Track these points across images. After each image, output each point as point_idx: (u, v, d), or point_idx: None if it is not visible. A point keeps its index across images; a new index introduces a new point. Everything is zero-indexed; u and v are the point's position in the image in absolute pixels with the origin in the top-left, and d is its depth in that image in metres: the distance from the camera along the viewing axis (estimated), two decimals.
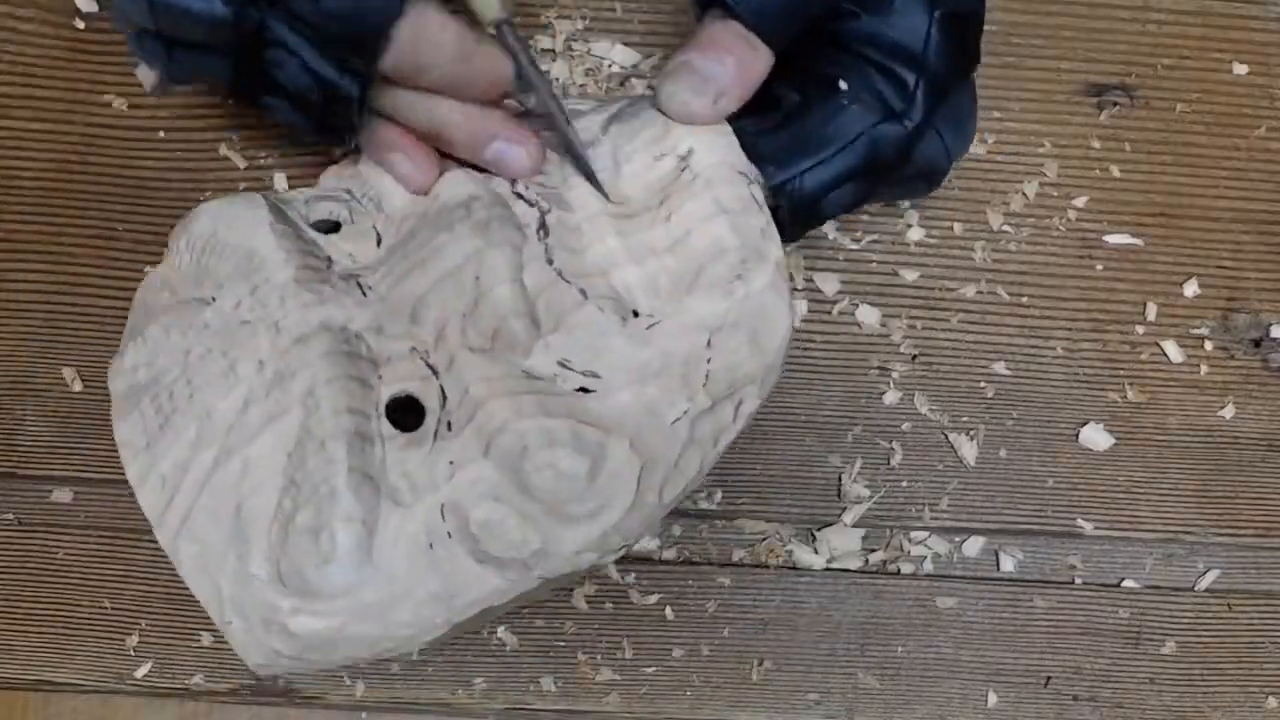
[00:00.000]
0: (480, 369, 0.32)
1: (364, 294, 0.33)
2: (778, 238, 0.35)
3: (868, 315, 0.44)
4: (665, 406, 0.33)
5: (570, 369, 0.32)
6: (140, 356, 0.33)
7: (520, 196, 0.35)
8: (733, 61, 0.34)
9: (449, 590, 0.31)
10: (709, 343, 0.33)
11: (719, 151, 0.34)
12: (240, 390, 0.31)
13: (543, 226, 0.34)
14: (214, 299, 0.33)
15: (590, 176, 0.35)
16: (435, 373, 0.32)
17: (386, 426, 0.32)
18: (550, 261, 0.33)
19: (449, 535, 0.31)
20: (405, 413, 0.32)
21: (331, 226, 0.35)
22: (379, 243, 0.35)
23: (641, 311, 0.33)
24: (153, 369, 0.32)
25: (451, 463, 0.31)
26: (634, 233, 0.34)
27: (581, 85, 0.44)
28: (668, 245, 0.34)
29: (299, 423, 0.31)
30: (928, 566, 0.44)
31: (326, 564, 0.30)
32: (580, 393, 0.32)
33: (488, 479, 0.31)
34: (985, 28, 0.44)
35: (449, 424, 0.32)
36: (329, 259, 0.34)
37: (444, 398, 0.32)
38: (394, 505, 0.31)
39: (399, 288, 0.33)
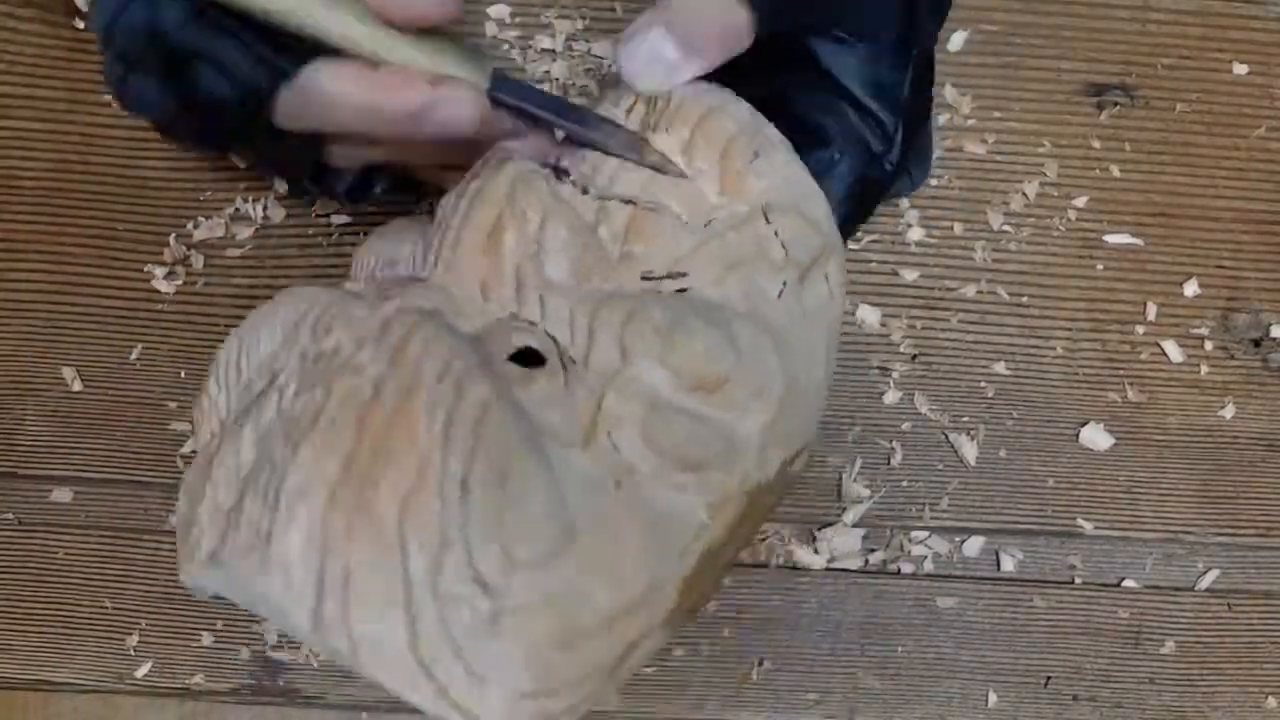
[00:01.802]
0: (574, 300, 0.30)
1: (424, 281, 0.31)
2: (764, 118, 0.34)
3: (868, 315, 0.44)
4: (763, 283, 0.32)
5: (655, 277, 0.31)
6: (222, 470, 0.28)
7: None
8: (714, 28, 0.32)
9: (661, 534, 0.28)
10: (766, 219, 0.33)
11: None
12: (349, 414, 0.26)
13: (557, 171, 0.33)
14: (275, 379, 0.28)
15: (657, 165, 0.33)
16: (533, 323, 0.30)
17: (514, 369, 0.28)
18: (585, 190, 0.32)
19: (632, 470, 0.28)
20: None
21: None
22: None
23: (684, 216, 0.32)
24: (243, 464, 0.28)
25: (591, 390, 0.29)
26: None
27: (583, 85, 0.44)
28: (679, 154, 0.33)
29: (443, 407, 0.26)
30: (928, 566, 0.44)
31: (523, 531, 0.26)
32: (679, 294, 0.31)
33: (637, 385, 0.29)
34: (985, 28, 0.44)
35: (571, 358, 0.30)
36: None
37: (553, 338, 0.30)
38: (561, 449, 0.28)
39: (456, 260, 0.31)
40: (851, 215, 0.36)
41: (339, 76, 0.32)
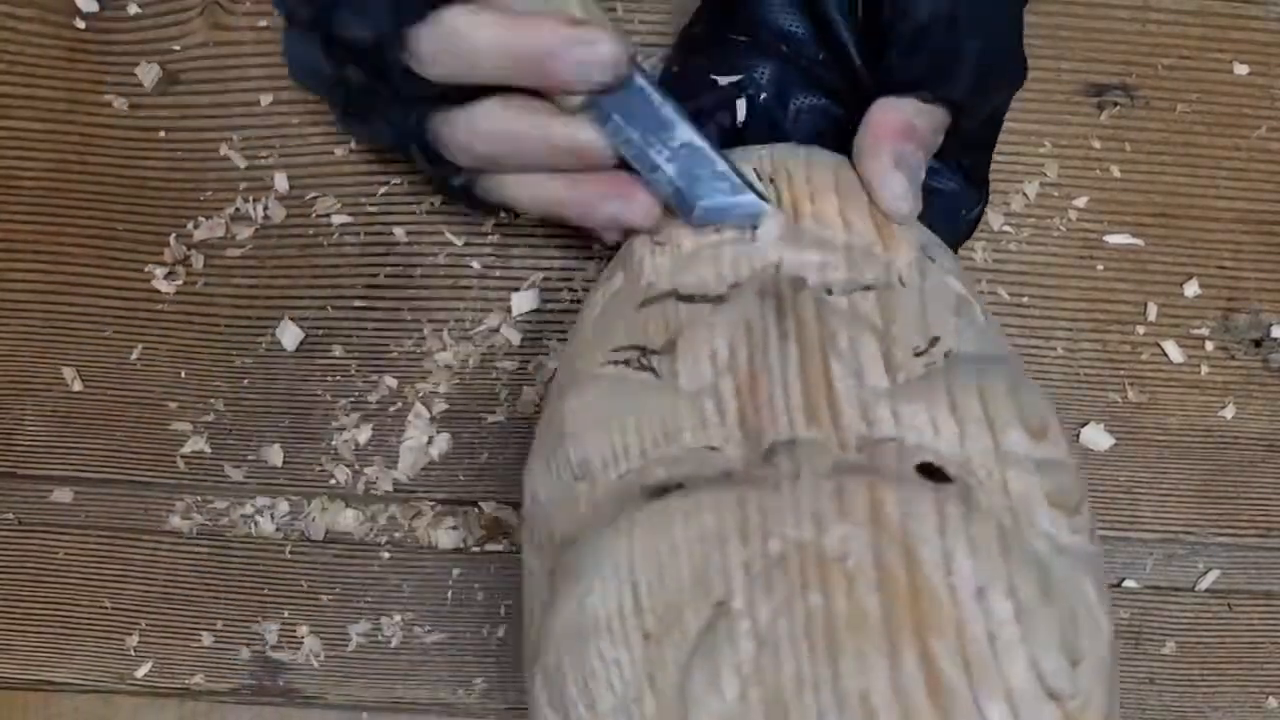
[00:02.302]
0: (918, 398, 0.29)
1: (796, 442, 0.28)
2: None
3: None
4: (974, 315, 0.32)
5: (923, 351, 0.30)
6: None
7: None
8: (926, 154, 0.33)
9: (1097, 576, 0.29)
10: (930, 259, 0.33)
11: None
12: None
13: (790, 282, 0.31)
14: (724, 606, 0.25)
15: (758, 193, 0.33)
16: (894, 439, 0.28)
17: (950, 489, 0.27)
18: (829, 291, 0.31)
19: (1049, 534, 0.28)
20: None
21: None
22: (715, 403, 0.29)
23: (884, 278, 0.32)
24: None
25: (990, 474, 0.28)
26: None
27: None
28: (841, 222, 0.32)
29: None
30: None
31: (1077, 625, 0.26)
32: (948, 357, 0.30)
33: (1017, 457, 0.28)
34: None
35: (951, 459, 0.29)
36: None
37: (923, 447, 0.29)
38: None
39: (810, 406, 0.28)
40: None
41: (477, 18, 0.31)
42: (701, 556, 0.25)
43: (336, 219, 0.44)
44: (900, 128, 0.32)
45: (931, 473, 0.28)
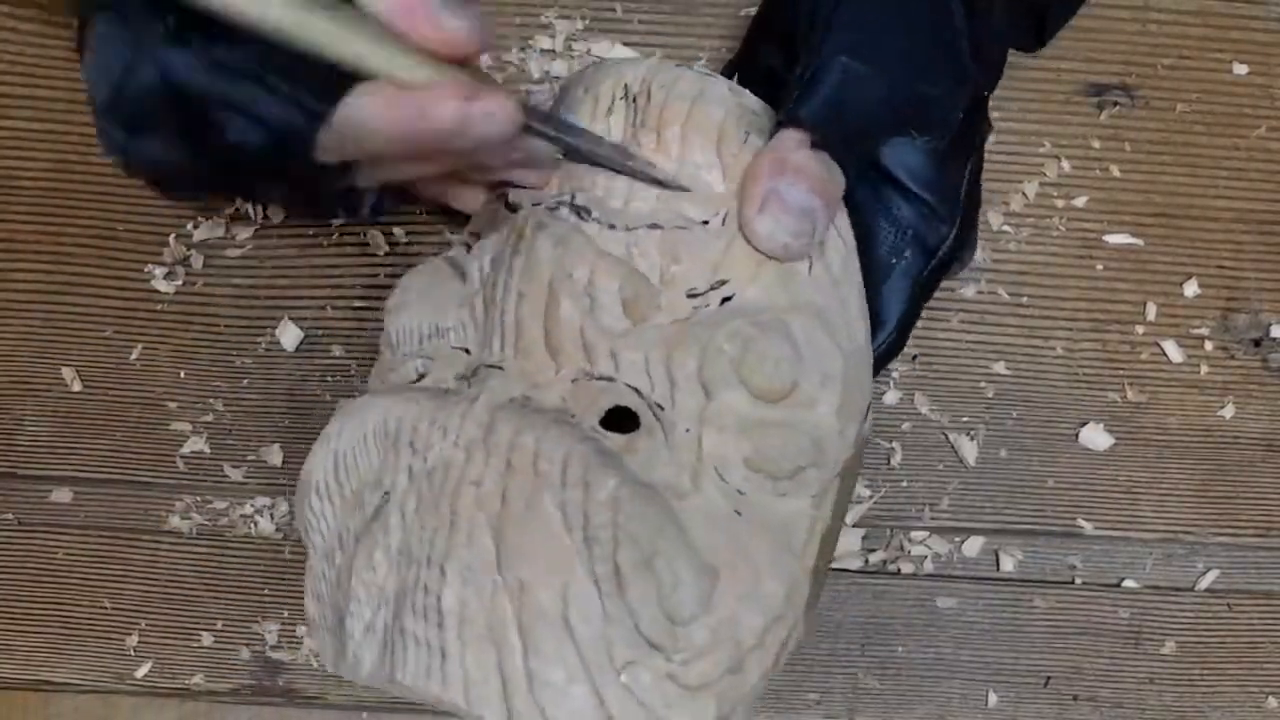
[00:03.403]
0: (641, 346, 0.31)
1: (501, 369, 0.31)
2: (739, 87, 0.34)
3: None
4: (794, 265, 0.32)
5: (700, 293, 0.31)
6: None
7: (540, 205, 0.33)
8: (819, 186, 0.32)
9: (782, 541, 0.30)
10: None
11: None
12: (475, 522, 0.28)
13: (576, 209, 0.33)
14: (388, 497, 0.30)
15: (661, 181, 0.33)
16: (611, 378, 0.31)
17: (617, 439, 0.30)
18: (612, 225, 0.32)
19: (741, 493, 0.30)
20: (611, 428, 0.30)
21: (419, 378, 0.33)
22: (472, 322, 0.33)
23: (705, 217, 0.32)
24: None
25: (688, 430, 0.30)
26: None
27: None
28: (677, 153, 0.33)
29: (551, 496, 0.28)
30: (928, 566, 0.44)
31: (679, 594, 0.28)
32: (726, 303, 0.31)
33: (726, 416, 0.30)
34: None
35: (657, 404, 0.30)
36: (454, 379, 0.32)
37: (637, 390, 0.30)
38: (679, 501, 0.29)
39: (521, 340, 0.31)
40: (911, 315, 0.36)
41: (373, 107, 0.30)
42: (381, 453, 0.30)
43: (335, 219, 0.44)
44: (772, 164, 0.32)
45: (628, 415, 0.30)
